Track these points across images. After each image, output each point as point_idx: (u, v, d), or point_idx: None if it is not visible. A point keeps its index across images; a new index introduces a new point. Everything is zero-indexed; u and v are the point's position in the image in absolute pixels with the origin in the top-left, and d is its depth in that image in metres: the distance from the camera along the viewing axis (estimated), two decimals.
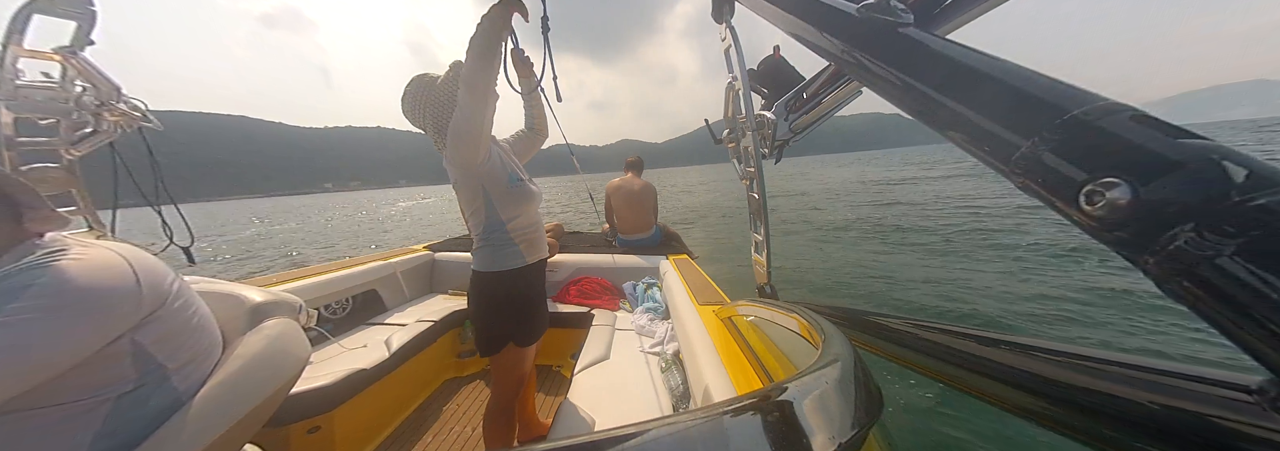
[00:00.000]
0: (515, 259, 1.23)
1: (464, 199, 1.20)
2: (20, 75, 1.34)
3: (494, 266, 1.21)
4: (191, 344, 0.73)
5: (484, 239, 1.20)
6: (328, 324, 2.14)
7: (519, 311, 1.27)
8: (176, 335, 0.70)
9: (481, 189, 1.17)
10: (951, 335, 0.46)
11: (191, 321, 0.74)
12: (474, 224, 1.21)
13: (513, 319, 1.26)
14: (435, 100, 1.15)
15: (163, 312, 0.67)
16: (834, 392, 0.37)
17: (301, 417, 1.39)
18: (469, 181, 1.16)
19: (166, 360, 0.68)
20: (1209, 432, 0.24)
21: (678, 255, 2.60)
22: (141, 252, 0.70)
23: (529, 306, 1.29)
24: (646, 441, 0.28)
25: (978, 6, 0.62)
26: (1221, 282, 0.20)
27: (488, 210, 1.18)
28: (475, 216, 1.20)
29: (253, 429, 0.75)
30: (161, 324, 0.67)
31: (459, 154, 1.10)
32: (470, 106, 1.03)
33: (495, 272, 1.22)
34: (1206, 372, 0.27)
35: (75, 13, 1.36)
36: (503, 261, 1.22)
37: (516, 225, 1.22)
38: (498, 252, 1.21)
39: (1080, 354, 0.33)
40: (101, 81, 1.45)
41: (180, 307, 0.71)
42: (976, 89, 0.32)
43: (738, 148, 1.30)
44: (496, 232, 1.20)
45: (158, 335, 0.66)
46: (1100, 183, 0.24)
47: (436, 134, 1.16)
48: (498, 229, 1.20)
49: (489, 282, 1.22)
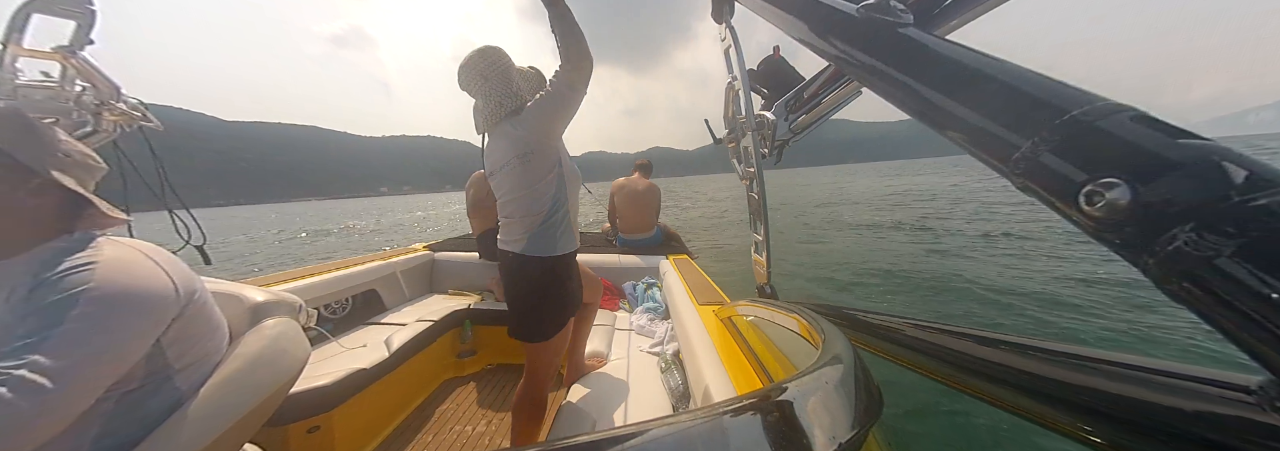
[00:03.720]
0: (570, 243, 1.24)
1: (528, 178, 1.16)
2: (20, 74, 1.34)
3: (552, 251, 1.20)
4: (203, 343, 0.73)
5: (546, 221, 1.18)
6: (328, 324, 2.14)
7: (571, 296, 1.27)
8: (193, 335, 0.70)
9: (558, 161, 1.18)
10: (951, 335, 0.46)
11: (211, 321, 0.74)
12: (530, 206, 1.18)
13: (563, 304, 1.25)
14: (503, 73, 1.18)
15: (189, 312, 0.68)
16: (834, 392, 0.37)
17: (301, 417, 1.39)
18: (547, 154, 1.16)
19: (175, 359, 0.68)
20: (1209, 432, 0.24)
21: (678, 255, 2.60)
22: (163, 251, 0.70)
23: (577, 291, 1.29)
24: (646, 441, 0.28)
25: (978, 6, 0.62)
26: (1221, 283, 0.20)
27: (556, 188, 1.18)
28: (539, 197, 1.17)
29: (253, 428, 0.75)
30: (182, 324, 0.67)
31: (556, 121, 1.14)
32: (580, 73, 1.12)
33: (553, 257, 1.20)
34: (1206, 372, 0.27)
35: (75, 12, 1.36)
36: (562, 245, 1.21)
37: (572, 207, 1.23)
38: (558, 236, 1.20)
39: (1080, 354, 0.33)
40: (101, 81, 1.45)
41: (201, 306, 0.72)
42: (976, 89, 0.32)
43: (738, 148, 1.30)
44: (558, 213, 1.20)
45: (176, 335, 0.67)
46: (1100, 183, 0.24)
47: (498, 104, 1.19)
48: (560, 209, 1.20)
49: (546, 268, 1.20)
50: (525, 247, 1.19)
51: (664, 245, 3.01)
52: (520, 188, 1.18)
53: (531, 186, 1.17)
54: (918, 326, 0.53)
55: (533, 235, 1.19)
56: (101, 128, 1.50)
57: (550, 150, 1.17)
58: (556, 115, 1.15)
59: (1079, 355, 0.33)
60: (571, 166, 1.25)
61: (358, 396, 1.55)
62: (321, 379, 1.45)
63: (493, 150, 1.25)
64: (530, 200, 1.18)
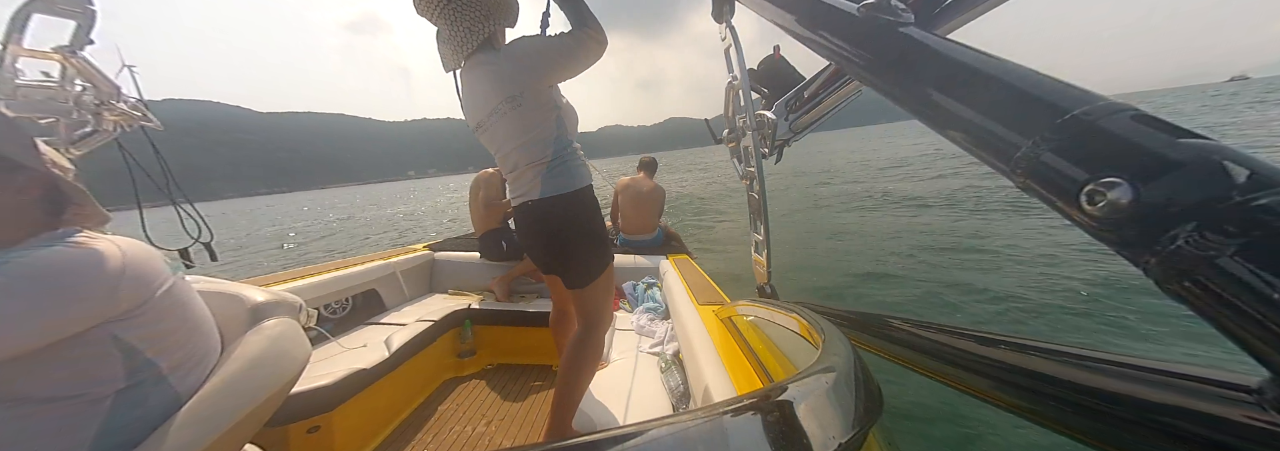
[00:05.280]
0: (585, 176, 1.19)
1: (523, 123, 1.09)
2: (20, 74, 1.34)
3: (578, 183, 1.15)
4: (187, 344, 0.73)
5: (557, 159, 1.12)
6: (328, 324, 2.14)
7: (603, 229, 1.23)
8: (169, 335, 0.70)
9: (554, 103, 1.12)
10: (951, 335, 0.46)
11: (187, 322, 0.74)
12: (537, 150, 1.11)
13: (601, 239, 1.21)
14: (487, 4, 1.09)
15: (148, 310, 0.67)
16: (834, 392, 0.37)
17: (301, 417, 1.39)
18: (543, 100, 1.09)
19: (159, 359, 0.68)
20: (1209, 432, 0.24)
21: (678, 255, 2.60)
22: (144, 250, 0.70)
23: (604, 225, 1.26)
24: (646, 441, 0.28)
25: (978, 6, 0.62)
26: (1222, 283, 0.20)
27: (558, 129, 1.13)
28: (542, 140, 1.11)
29: (253, 429, 0.75)
30: (149, 322, 0.67)
31: (555, 70, 1.09)
32: (597, 40, 1.10)
33: (580, 189, 1.16)
34: (1206, 372, 0.27)
35: (75, 12, 1.36)
36: (583, 177, 1.17)
37: (575, 145, 1.19)
38: (575, 169, 1.16)
39: (1080, 353, 0.33)
40: (101, 81, 1.45)
41: (172, 306, 0.71)
42: (977, 88, 0.32)
43: (738, 147, 1.30)
44: (567, 149, 1.15)
45: (146, 333, 0.66)
46: (1101, 183, 0.24)
47: (468, 31, 1.07)
48: (567, 146, 1.15)
49: (578, 200, 1.15)
50: (551, 188, 1.12)
51: (664, 245, 3.01)
52: (517, 136, 1.10)
53: (528, 132, 1.10)
54: (918, 326, 0.53)
55: (548, 175, 1.12)
56: (102, 127, 1.51)
57: (543, 91, 1.09)
58: (557, 64, 1.08)
59: (1079, 355, 0.33)
60: (568, 104, 1.18)
61: (358, 396, 1.55)
62: (321, 379, 1.45)
63: (472, 94, 1.14)
64: (532, 147, 1.11)
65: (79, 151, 1.51)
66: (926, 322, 0.53)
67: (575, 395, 1.23)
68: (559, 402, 1.22)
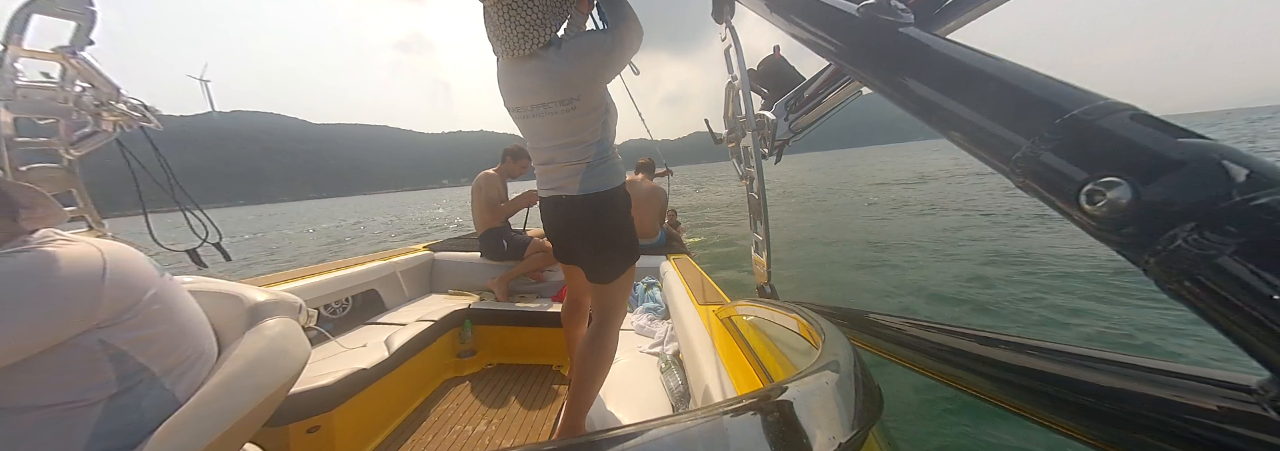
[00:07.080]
0: (620, 175, 1.24)
1: (573, 125, 1.12)
2: (20, 75, 1.34)
3: (616, 181, 1.21)
4: (179, 347, 0.72)
5: (599, 158, 1.16)
6: (328, 324, 2.14)
7: (634, 225, 1.29)
8: (159, 338, 0.69)
9: (605, 105, 1.15)
10: (951, 335, 0.46)
11: (177, 325, 0.73)
12: (579, 151, 1.15)
13: (631, 239, 1.27)
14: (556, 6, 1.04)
15: (136, 314, 0.66)
16: (834, 392, 0.37)
17: (301, 417, 1.39)
18: (596, 103, 1.12)
19: (150, 363, 0.67)
20: (1209, 432, 0.24)
21: (678, 255, 2.60)
22: (128, 252, 0.69)
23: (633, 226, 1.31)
24: (646, 441, 0.28)
25: (978, 6, 0.62)
26: (1222, 282, 0.20)
27: (604, 131, 1.17)
28: (588, 139, 1.15)
29: (252, 428, 0.75)
30: (138, 327, 0.66)
31: (610, 69, 1.11)
32: (635, 33, 1.12)
33: (617, 187, 1.21)
34: (1206, 372, 0.27)
35: (75, 13, 1.36)
36: (620, 175, 1.23)
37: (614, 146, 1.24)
38: (614, 168, 1.21)
39: (1080, 353, 0.33)
40: (101, 81, 1.45)
41: (161, 311, 0.70)
42: (976, 88, 0.32)
43: (737, 147, 1.30)
44: (610, 149, 1.20)
45: (135, 337, 0.65)
46: (1101, 182, 0.24)
47: (539, 22, 1.02)
48: (608, 148, 1.19)
49: (615, 199, 1.20)
50: (592, 185, 1.17)
51: (665, 246, 3.01)
52: (562, 136, 1.14)
53: (574, 134, 1.13)
54: (918, 326, 0.53)
55: (585, 174, 1.16)
56: (102, 128, 1.51)
57: (597, 93, 1.12)
58: (613, 66, 1.11)
59: (1079, 354, 0.33)
60: (613, 103, 1.21)
61: (358, 396, 1.54)
62: (321, 379, 1.45)
63: (524, 85, 1.11)
64: (574, 147, 1.15)
65: (79, 152, 1.51)
66: (926, 323, 0.53)
67: (592, 390, 1.24)
68: (574, 398, 1.23)
